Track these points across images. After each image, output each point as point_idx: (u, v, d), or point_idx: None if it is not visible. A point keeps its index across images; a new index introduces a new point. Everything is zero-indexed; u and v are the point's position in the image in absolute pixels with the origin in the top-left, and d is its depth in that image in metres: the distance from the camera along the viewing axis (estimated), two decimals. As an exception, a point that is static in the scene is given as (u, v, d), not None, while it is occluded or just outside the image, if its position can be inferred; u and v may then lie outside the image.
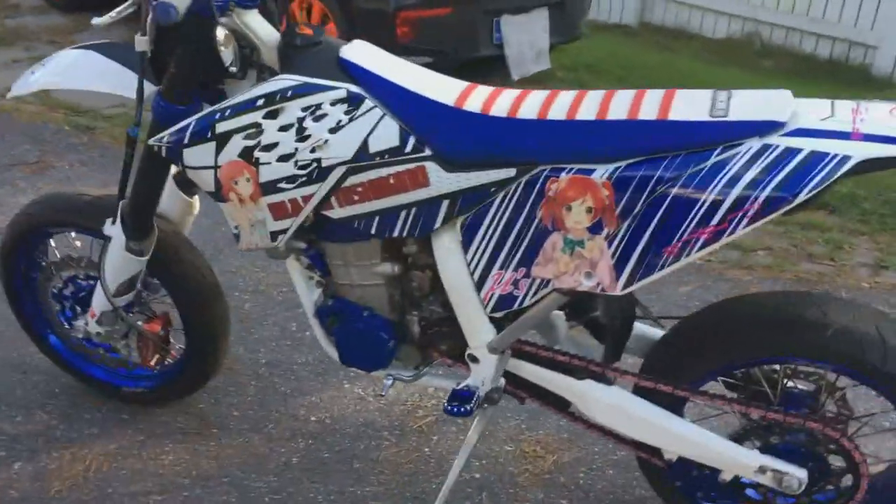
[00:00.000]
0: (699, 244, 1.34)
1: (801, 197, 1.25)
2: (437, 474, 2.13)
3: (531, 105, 1.51)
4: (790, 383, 1.61)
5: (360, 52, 1.60)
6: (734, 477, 1.69)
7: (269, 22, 1.66)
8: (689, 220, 1.34)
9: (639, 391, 1.67)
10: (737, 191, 1.29)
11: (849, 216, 3.56)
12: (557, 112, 1.47)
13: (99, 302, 2.10)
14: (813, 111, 1.33)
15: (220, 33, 1.58)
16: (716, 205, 1.31)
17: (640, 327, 1.80)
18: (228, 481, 2.10)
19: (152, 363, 2.22)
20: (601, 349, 1.77)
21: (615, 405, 1.66)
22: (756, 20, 6.68)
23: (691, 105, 1.39)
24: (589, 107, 1.46)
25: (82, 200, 2.08)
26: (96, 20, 1.76)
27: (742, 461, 1.60)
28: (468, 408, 1.67)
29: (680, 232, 1.35)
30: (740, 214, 1.29)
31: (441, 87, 1.58)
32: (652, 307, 1.97)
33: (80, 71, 1.85)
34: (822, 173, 1.24)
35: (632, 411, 1.65)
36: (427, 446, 2.24)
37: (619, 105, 1.44)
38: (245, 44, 1.64)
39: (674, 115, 1.37)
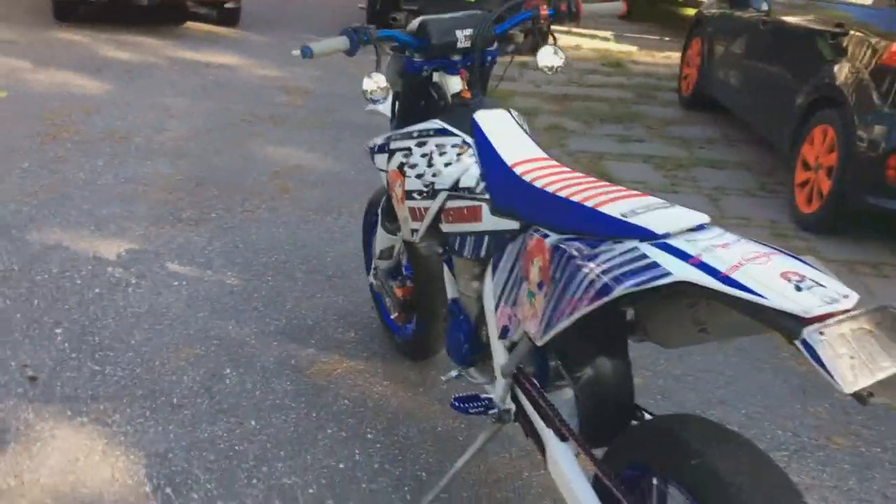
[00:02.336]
0: (579, 309, 1.51)
1: (618, 291, 1.40)
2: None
3: (545, 176, 1.78)
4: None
5: (488, 116, 2.00)
6: None
7: (471, 84, 2.14)
8: (575, 288, 1.52)
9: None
10: (598, 272, 1.46)
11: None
12: (553, 185, 1.73)
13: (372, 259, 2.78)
14: (705, 237, 1.43)
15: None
16: (587, 280, 1.49)
17: None
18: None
19: (398, 321, 2.76)
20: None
21: (558, 465, 1.76)
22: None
23: (624, 204, 1.57)
24: (570, 186, 1.71)
25: (379, 194, 2.71)
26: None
27: None
28: (468, 409, 2.01)
29: (569, 296, 1.54)
30: (592, 293, 1.47)
31: (519, 154, 1.89)
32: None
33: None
34: (643, 278, 1.38)
35: (563, 478, 1.74)
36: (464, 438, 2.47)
37: (586, 190, 1.68)
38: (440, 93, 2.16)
39: (606, 208, 1.57)
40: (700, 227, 1.48)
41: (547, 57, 2.27)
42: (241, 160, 4.73)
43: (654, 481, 1.57)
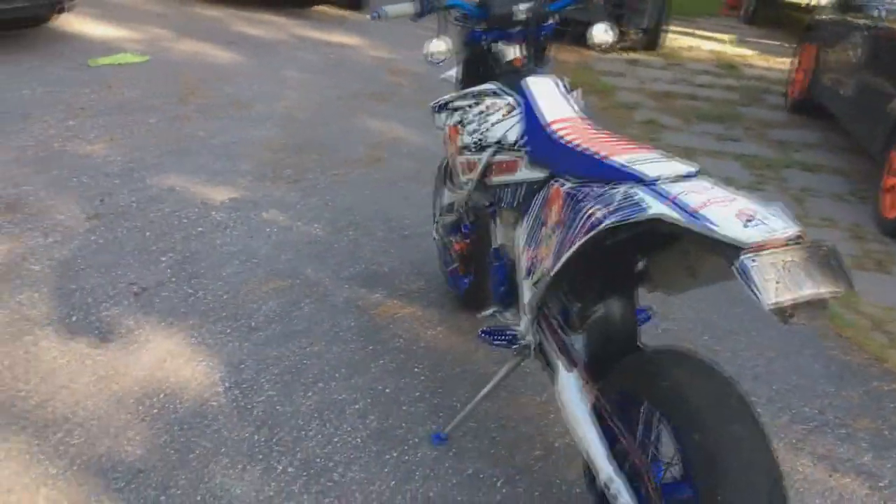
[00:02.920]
0: (576, 242, 1.71)
1: (605, 224, 1.60)
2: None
3: (572, 133, 1.99)
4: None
5: (535, 81, 2.23)
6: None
7: (524, 52, 2.40)
8: (576, 225, 1.73)
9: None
10: (593, 210, 1.67)
11: None
12: (576, 141, 1.94)
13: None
14: (688, 183, 1.60)
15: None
16: (584, 217, 1.70)
17: None
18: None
19: (456, 273, 3.04)
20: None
21: (563, 391, 1.96)
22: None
23: (628, 156, 1.77)
24: (590, 141, 1.91)
25: None
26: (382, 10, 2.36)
27: (601, 465, 1.78)
28: (493, 340, 2.27)
29: (572, 233, 1.74)
30: (587, 227, 1.67)
31: (556, 114, 2.10)
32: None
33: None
34: (625, 213, 1.58)
35: (566, 403, 1.94)
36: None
37: (603, 144, 1.88)
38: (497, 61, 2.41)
39: (612, 158, 1.77)
40: (689, 176, 1.66)
41: (599, 34, 2.47)
42: (343, 131, 5.10)
43: (643, 408, 1.77)
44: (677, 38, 9.72)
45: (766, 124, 6.34)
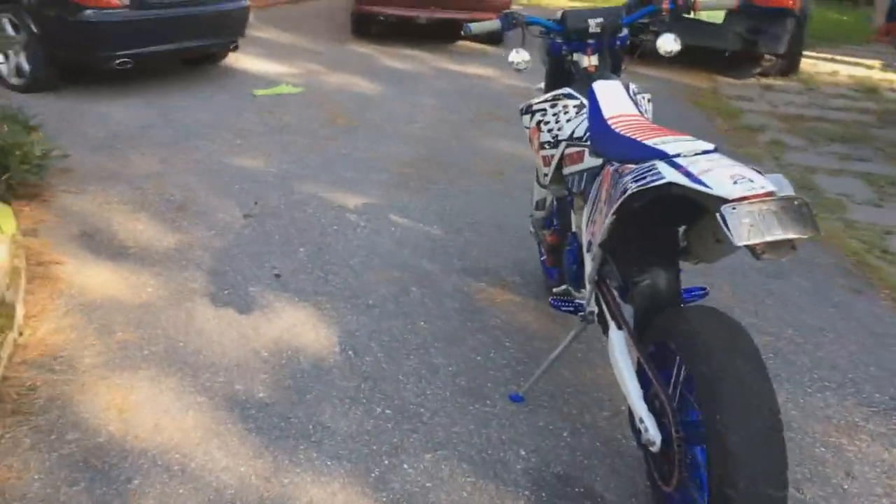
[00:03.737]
0: (612, 208, 2.05)
1: (631, 190, 1.94)
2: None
3: (625, 125, 2.32)
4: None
5: (602, 85, 2.56)
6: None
7: (598, 61, 2.73)
8: (614, 195, 2.06)
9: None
10: (626, 181, 2.00)
11: None
12: (627, 131, 2.26)
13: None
14: (704, 157, 1.90)
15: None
16: (619, 187, 2.03)
17: None
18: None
19: (548, 264, 3.29)
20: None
21: (613, 348, 2.27)
22: None
23: (660, 139, 2.07)
24: (637, 131, 2.23)
25: None
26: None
27: (636, 406, 2.10)
28: (560, 307, 2.61)
29: (612, 201, 2.07)
30: (619, 194, 2.00)
31: (616, 111, 2.44)
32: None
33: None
34: (646, 180, 1.90)
35: (615, 358, 2.25)
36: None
37: (646, 132, 2.19)
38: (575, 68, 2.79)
39: (647, 141, 2.08)
40: (706, 152, 1.96)
41: (668, 43, 2.77)
42: (469, 148, 5.56)
43: (669, 352, 2.06)
44: (819, 64, 9.58)
45: (901, 145, 6.24)
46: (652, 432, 2.02)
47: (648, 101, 2.70)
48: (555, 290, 2.84)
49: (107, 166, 4.71)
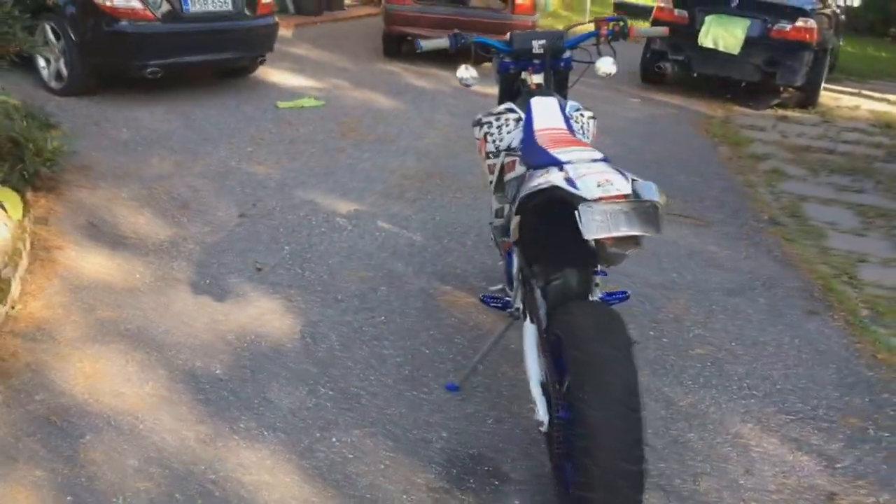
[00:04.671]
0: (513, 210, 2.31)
1: (521, 193, 2.23)
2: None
3: (547, 137, 2.54)
4: None
5: (539, 100, 2.77)
6: None
7: (548, 80, 2.99)
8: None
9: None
10: (527, 185, 2.24)
11: None
12: (545, 142, 2.48)
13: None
14: (591, 165, 2.13)
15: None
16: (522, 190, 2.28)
17: None
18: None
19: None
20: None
21: (524, 337, 2.47)
22: None
23: (562, 150, 2.30)
24: (552, 142, 2.45)
25: None
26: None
27: (531, 390, 2.32)
28: (490, 303, 2.86)
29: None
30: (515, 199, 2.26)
31: (544, 125, 2.66)
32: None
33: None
34: (535, 184, 2.15)
35: (525, 346, 2.45)
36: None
37: (558, 144, 2.41)
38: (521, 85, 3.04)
39: (551, 151, 2.30)
40: (595, 161, 2.16)
41: (605, 65, 2.97)
42: (471, 163, 5.79)
43: (563, 348, 2.25)
44: (842, 98, 9.60)
45: (903, 179, 6.29)
46: (541, 412, 2.21)
47: (590, 118, 2.91)
48: (491, 288, 3.05)
49: (124, 166, 5.06)
